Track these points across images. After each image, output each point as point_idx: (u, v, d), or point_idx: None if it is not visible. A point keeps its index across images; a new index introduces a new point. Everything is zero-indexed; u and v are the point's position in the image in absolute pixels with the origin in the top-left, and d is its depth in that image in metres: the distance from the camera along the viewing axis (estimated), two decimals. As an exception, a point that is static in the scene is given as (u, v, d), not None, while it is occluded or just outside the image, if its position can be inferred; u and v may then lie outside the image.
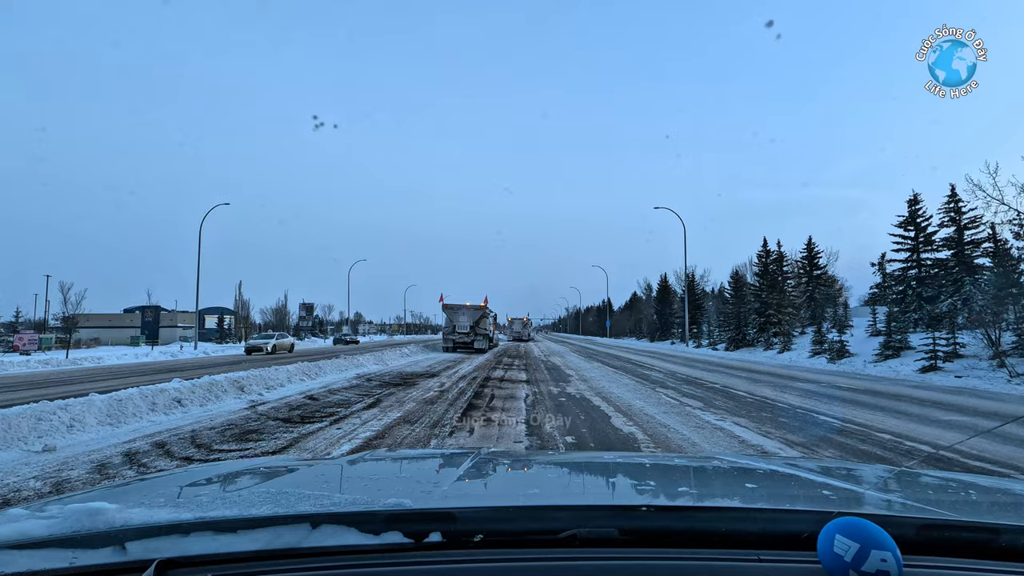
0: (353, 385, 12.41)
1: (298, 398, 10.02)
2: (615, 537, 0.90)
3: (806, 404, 9.90)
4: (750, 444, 6.39)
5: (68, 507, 0.92)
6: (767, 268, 38.19)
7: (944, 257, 27.41)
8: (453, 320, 29.69)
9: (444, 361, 21.55)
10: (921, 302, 27.14)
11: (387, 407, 9.02)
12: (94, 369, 20.10)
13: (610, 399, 10.30)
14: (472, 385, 12.59)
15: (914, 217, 29.07)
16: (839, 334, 25.82)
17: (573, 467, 1.76)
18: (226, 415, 8.04)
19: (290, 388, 11.33)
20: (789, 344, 31.72)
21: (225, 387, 9.51)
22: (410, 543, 0.86)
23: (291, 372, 12.54)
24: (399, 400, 9.91)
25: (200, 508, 1.03)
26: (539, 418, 7.99)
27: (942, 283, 25.99)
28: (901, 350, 22.85)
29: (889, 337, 23.35)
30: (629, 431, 7.13)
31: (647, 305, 67.58)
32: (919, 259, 28.65)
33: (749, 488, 1.42)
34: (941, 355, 18.96)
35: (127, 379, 14.00)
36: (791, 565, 0.83)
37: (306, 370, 13.26)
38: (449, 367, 18.34)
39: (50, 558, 0.81)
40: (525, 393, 10.99)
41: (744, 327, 37.67)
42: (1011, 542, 0.90)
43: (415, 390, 11.49)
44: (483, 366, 19.00)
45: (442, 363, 20.36)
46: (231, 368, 13.71)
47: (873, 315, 27.88)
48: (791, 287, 38.39)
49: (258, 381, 10.67)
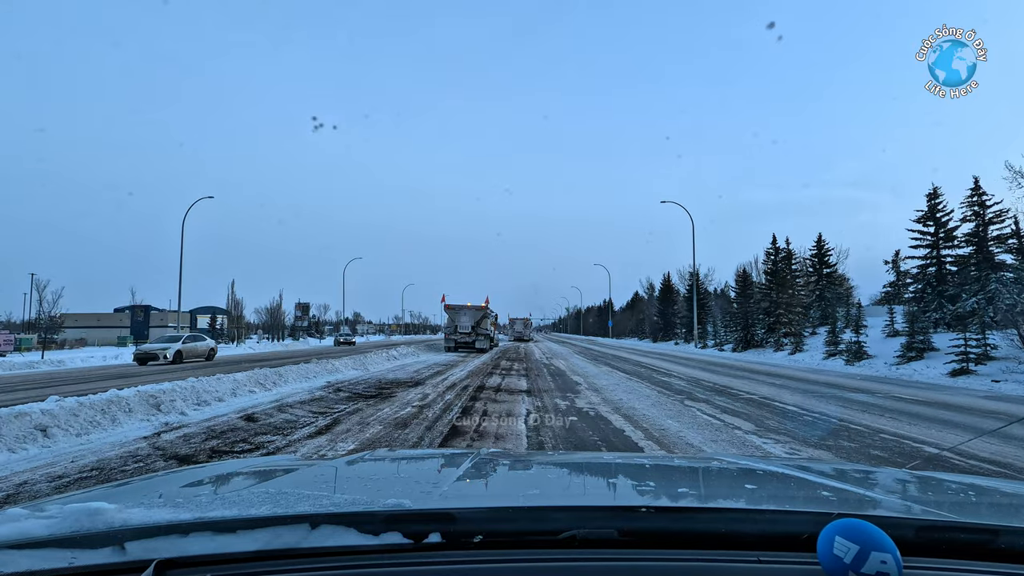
0: (315, 398, 10.19)
1: (231, 419, 7.83)
2: (615, 538, 0.89)
3: (899, 428, 7.64)
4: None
5: (67, 507, 0.92)
6: (776, 266, 36.66)
7: (965, 254, 26.00)
8: (455, 320, 29.93)
9: (435, 365, 19.39)
10: (942, 301, 25.71)
11: (342, 432, 6.95)
12: (38, 375, 17.60)
13: (633, 418, 8.26)
14: (461, 398, 10.43)
15: (933, 212, 27.59)
16: (855, 334, 24.32)
17: (573, 468, 1.75)
18: (108, 449, 5.92)
19: (230, 404, 9.09)
20: (801, 345, 30.20)
21: (132, 405, 7.33)
22: (409, 544, 0.86)
23: (240, 382, 10.31)
24: (362, 421, 7.80)
25: (199, 508, 1.01)
26: (547, 450, 6.03)
27: (965, 281, 24.52)
28: (924, 351, 21.41)
29: (911, 338, 21.88)
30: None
31: (649, 305, 66.04)
32: (939, 256, 27.19)
33: (749, 489, 1.41)
34: (972, 357, 17.52)
35: (56, 388, 11.93)
36: (791, 566, 0.83)
37: (262, 378, 11.06)
38: (439, 372, 16.24)
39: (49, 558, 0.81)
40: (526, 409, 8.95)
41: (752, 327, 36.20)
42: (1011, 544, 0.89)
43: (389, 405, 9.39)
44: (477, 371, 16.85)
45: (432, 367, 18.27)
46: (196, 373, 12.24)
47: (890, 314, 26.43)
48: (799, 286, 36.97)
49: (188, 395, 8.53)
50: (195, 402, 8.49)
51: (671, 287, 58.75)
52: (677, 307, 56.54)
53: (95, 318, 61.16)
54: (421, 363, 20.49)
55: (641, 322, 67.17)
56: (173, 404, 7.97)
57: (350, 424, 7.67)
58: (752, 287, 38.77)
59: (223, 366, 18.45)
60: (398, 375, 15.44)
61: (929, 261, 27.65)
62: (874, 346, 24.21)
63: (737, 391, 12.15)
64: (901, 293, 31.37)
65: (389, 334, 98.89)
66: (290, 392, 10.93)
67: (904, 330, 23.36)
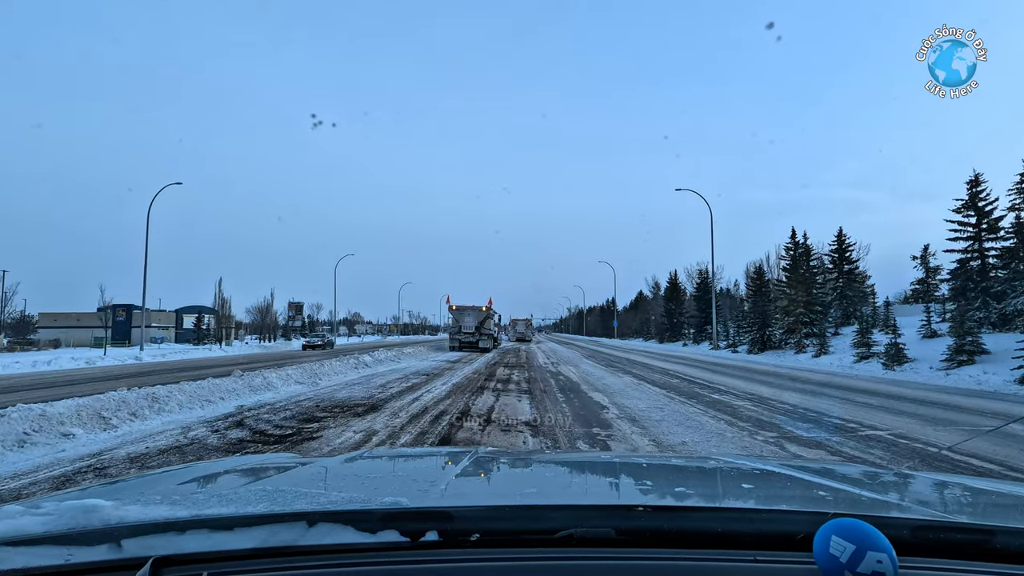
0: (173, 446, 6.63)
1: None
2: (612, 537, 0.89)
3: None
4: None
5: (64, 504, 0.92)
6: (796, 261, 34.00)
7: (1012, 245, 23.38)
8: (459, 321, 30.49)
9: (413, 375, 15.61)
10: (987, 299, 23.09)
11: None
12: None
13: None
14: (430, 436, 7.04)
15: (975, 200, 24.92)
16: (891, 335, 21.68)
17: (571, 467, 1.76)
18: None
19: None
20: (826, 347, 27.54)
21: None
22: (406, 542, 0.86)
23: (82, 410, 6.93)
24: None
25: (196, 506, 1.02)
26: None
27: (1015, 276, 21.87)
28: (975, 354, 18.81)
29: (960, 339, 19.26)
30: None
31: (655, 304, 63.39)
32: (982, 249, 24.57)
33: (746, 489, 1.42)
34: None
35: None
36: (787, 566, 0.83)
37: (114, 408, 7.45)
38: (413, 387, 12.54)
39: (46, 555, 0.81)
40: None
41: (768, 327, 33.61)
42: (1006, 544, 0.89)
43: (302, 452, 6.02)
44: (465, 385, 13.24)
45: (408, 378, 14.62)
46: (132, 381, 9.96)
47: (927, 313, 23.81)
48: (818, 283, 34.33)
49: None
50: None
51: (678, 285, 56.09)
52: (685, 306, 53.91)
53: (75, 318, 58.68)
54: (398, 371, 16.88)
55: (646, 322, 64.53)
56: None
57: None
58: (767, 285, 36.12)
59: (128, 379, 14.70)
60: (353, 392, 11.62)
61: (970, 255, 24.95)
62: (912, 348, 21.62)
63: (825, 415, 8.79)
64: (931, 290, 28.80)
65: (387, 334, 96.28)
66: (151, 431, 7.20)
67: (948, 331, 20.80)
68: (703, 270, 51.57)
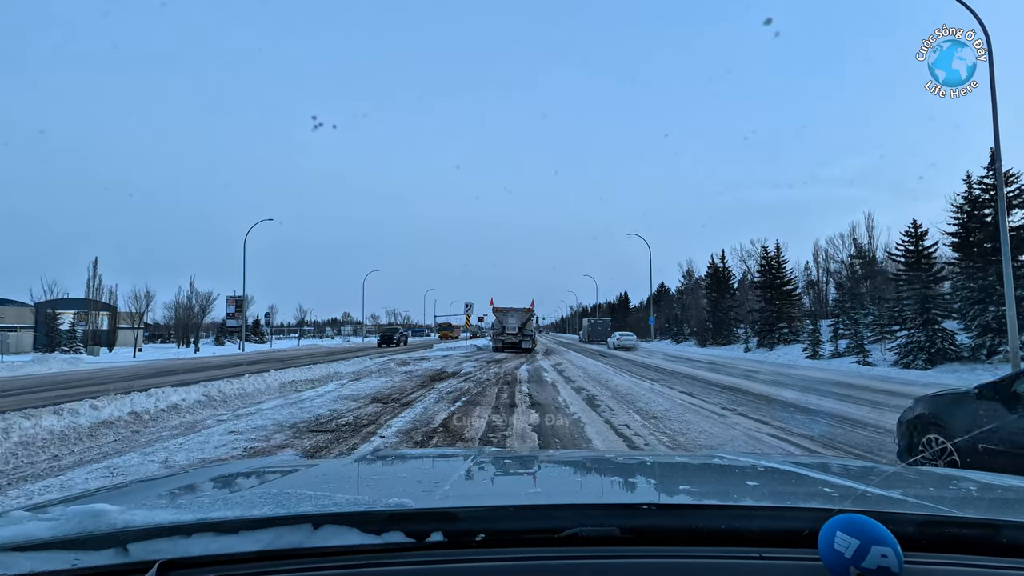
0: None
1: None
2: (616, 536, 0.88)
3: None
4: None
5: (70, 508, 0.91)
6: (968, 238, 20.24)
7: None
8: (503, 322, 30.70)
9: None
10: None
11: None
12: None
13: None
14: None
15: None
16: None
17: (574, 466, 1.74)
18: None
19: None
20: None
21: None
22: (412, 543, 0.86)
23: None
24: None
25: (202, 509, 1.02)
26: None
27: None
28: None
29: None
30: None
31: (692, 297, 49.41)
32: None
33: (750, 486, 1.41)
34: None
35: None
36: (792, 562, 0.82)
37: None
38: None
39: (52, 560, 0.80)
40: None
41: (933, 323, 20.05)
42: (1011, 538, 0.88)
43: None
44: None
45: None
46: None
47: None
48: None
49: None
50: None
51: (724, 271, 42.28)
52: (739, 297, 40.20)
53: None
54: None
55: (675, 319, 50.54)
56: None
57: None
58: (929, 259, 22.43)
59: None
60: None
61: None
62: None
63: None
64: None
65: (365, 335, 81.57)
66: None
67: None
68: (765, 247, 37.70)
